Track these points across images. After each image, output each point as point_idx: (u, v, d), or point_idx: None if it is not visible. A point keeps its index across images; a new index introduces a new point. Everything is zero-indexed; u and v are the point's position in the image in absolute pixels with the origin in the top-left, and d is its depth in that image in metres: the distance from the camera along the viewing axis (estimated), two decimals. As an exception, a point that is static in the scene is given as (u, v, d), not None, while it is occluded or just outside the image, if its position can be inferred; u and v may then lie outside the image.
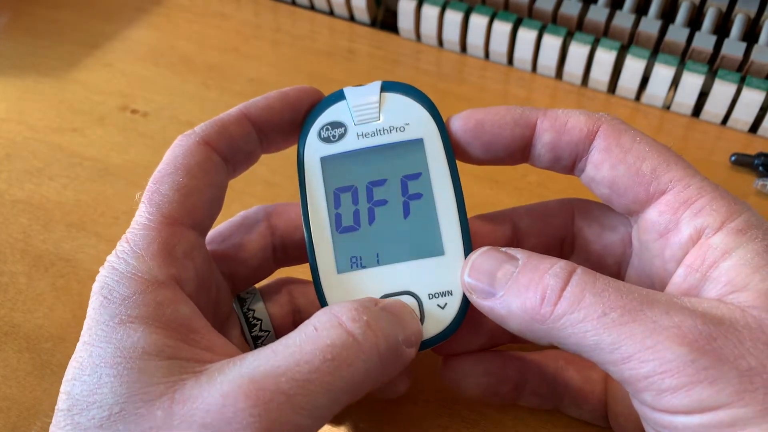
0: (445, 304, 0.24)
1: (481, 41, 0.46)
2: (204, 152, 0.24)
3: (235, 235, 0.27)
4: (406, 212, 0.24)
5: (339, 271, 0.24)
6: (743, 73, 0.42)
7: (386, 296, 0.24)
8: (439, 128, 0.25)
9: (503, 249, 0.23)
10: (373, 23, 0.51)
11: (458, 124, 0.25)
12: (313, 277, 0.24)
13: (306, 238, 0.24)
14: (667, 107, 0.44)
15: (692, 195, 0.22)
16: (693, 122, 0.43)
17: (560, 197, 0.28)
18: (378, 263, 0.24)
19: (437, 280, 0.24)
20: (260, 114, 0.25)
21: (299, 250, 0.27)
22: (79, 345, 0.21)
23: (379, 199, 0.25)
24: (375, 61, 0.48)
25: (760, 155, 0.39)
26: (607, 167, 0.23)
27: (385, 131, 0.25)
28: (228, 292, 0.26)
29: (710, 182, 0.22)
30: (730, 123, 0.42)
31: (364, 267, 0.24)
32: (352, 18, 0.51)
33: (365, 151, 0.25)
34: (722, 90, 0.41)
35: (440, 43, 0.48)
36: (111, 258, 0.22)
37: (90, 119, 0.43)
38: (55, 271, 0.35)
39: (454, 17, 0.46)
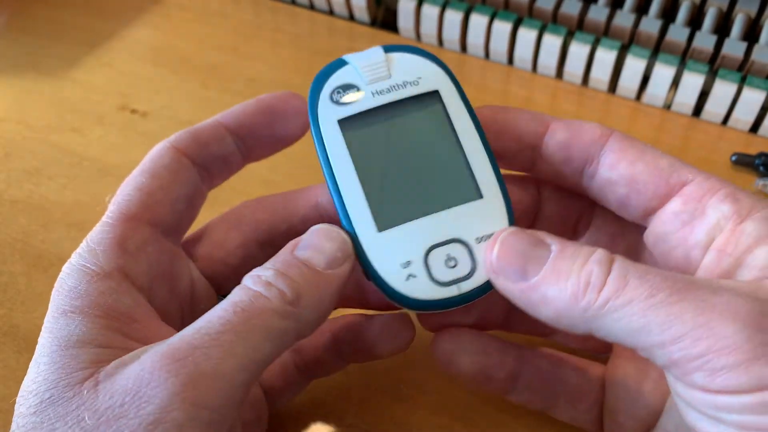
0: None
1: (481, 41, 0.46)
2: (171, 155, 0.25)
3: (211, 234, 0.27)
4: (438, 162, 0.24)
5: (379, 230, 0.23)
6: (744, 72, 0.42)
7: (433, 247, 0.23)
8: (452, 80, 0.25)
9: (531, 231, 0.22)
10: (373, 23, 0.51)
11: None
12: (353, 243, 0.23)
13: (337, 204, 0.23)
14: (667, 107, 0.44)
15: (714, 185, 0.22)
16: (693, 122, 0.43)
17: None
18: (418, 215, 0.23)
19: (482, 223, 0.23)
20: (234, 119, 0.26)
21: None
22: None
23: (408, 153, 0.24)
24: (375, 60, 0.47)
25: (760, 155, 0.39)
26: (624, 165, 0.23)
27: (400, 86, 0.25)
28: (208, 288, 0.26)
29: (724, 179, 0.23)
30: (730, 123, 0.42)
31: (405, 221, 0.23)
32: (351, 17, 0.51)
33: (384, 107, 0.24)
34: (723, 90, 0.41)
35: (440, 42, 0.48)
36: (72, 254, 0.23)
37: (89, 119, 0.43)
38: (54, 271, 0.34)
39: (454, 17, 0.46)
